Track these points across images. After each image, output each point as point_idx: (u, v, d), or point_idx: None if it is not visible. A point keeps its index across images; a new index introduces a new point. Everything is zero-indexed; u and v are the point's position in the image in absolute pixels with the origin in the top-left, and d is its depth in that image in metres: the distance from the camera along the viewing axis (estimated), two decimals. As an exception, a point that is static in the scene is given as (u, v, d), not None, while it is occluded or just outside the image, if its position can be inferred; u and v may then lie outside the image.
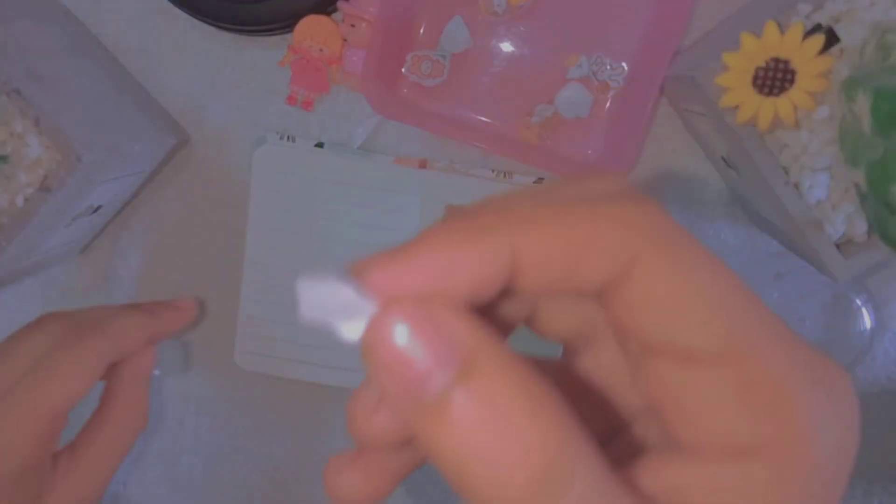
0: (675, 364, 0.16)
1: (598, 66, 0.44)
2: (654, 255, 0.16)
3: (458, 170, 0.45)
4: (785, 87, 0.34)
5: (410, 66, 0.44)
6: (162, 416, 0.51)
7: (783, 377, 0.16)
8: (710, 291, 0.16)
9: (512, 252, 0.16)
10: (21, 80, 0.37)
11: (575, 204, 0.17)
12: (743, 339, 0.16)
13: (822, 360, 0.17)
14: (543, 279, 0.17)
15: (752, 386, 0.16)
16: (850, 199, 0.35)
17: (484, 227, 0.16)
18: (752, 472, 0.16)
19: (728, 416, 0.16)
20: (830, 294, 0.46)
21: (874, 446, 0.48)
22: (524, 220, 0.17)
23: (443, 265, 0.16)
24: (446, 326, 0.15)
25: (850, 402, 0.17)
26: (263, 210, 0.46)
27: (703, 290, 0.16)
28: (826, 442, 0.16)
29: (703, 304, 0.16)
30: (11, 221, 0.38)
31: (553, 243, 0.16)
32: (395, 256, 0.16)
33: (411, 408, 0.15)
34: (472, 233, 0.16)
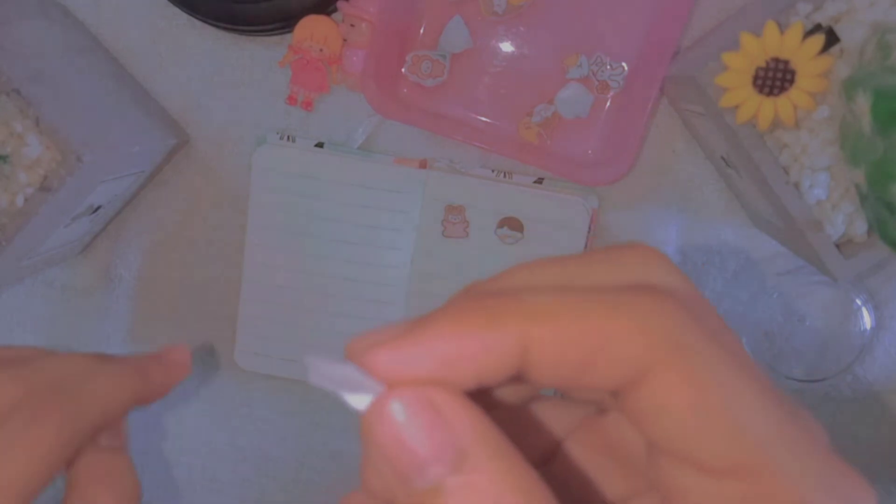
0: (687, 468, 0.16)
1: (598, 66, 0.44)
2: (668, 366, 0.16)
3: (458, 170, 0.45)
4: (785, 86, 0.34)
5: (410, 66, 0.44)
6: (162, 416, 0.51)
7: (799, 492, 0.16)
8: (725, 406, 0.16)
9: (522, 346, 0.16)
10: (21, 79, 0.37)
11: (591, 298, 0.16)
12: (758, 454, 0.16)
13: (844, 472, 0.17)
14: (552, 375, 0.16)
15: (765, 500, 0.15)
16: (850, 198, 0.35)
17: (496, 316, 0.16)
18: None
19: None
20: (830, 294, 0.46)
21: (874, 446, 0.48)
22: (538, 313, 0.16)
23: (449, 354, 0.16)
24: (445, 415, 0.15)
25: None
26: (263, 210, 0.46)
27: (717, 405, 0.16)
28: None
29: (716, 421, 0.16)
30: (11, 221, 0.37)
31: (565, 342, 0.16)
32: (402, 340, 0.16)
33: (404, 492, 0.15)
34: (483, 321, 0.16)
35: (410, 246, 0.46)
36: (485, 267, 0.46)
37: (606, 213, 0.46)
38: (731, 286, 0.46)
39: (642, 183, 0.45)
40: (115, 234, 0.49)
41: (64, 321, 0.51)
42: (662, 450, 0.16)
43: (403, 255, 0.46)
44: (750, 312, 0.46)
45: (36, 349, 0.30)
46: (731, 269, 0.46)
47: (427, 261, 0.46)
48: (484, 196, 0.45)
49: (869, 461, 0.48)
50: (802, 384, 0.47)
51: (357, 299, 0.47)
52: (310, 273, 0.47)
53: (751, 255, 0.46)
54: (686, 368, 0.15)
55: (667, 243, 0.46)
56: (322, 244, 0.46)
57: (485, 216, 0.45)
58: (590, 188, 0.45)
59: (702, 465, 0.16)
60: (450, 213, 0.45)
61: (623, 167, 0.41)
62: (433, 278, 0.46)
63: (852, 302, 0.46)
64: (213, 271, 0.49)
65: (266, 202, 0.46)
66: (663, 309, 0.16)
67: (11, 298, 0.51)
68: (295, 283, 0.47)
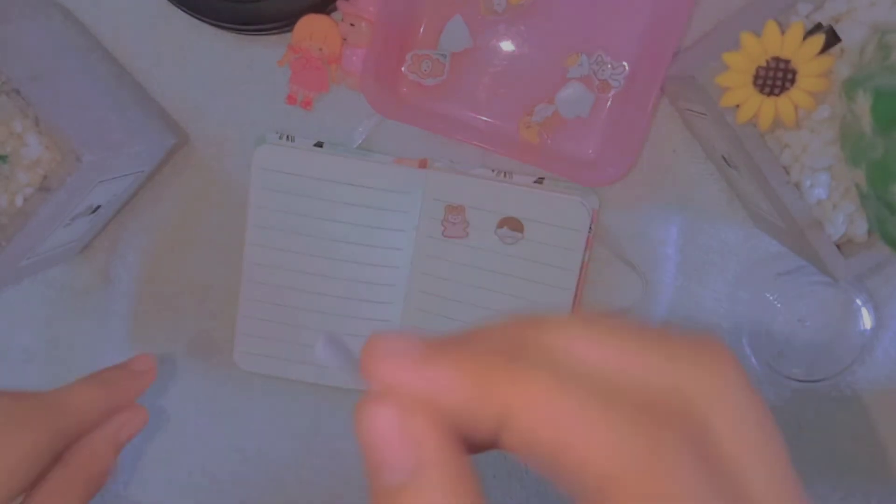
0: None
1: (599, 65, 0.44)
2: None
3: (458, 170, 0.45)
4: (785, 86, 0.34)
5: (410, 66, 0.44)
6: (162, 416, 0.51)
7: None
8: None
9: (502, 419, 0.17)
10: (21, 79, 0.37)
11: (590, 401, 0.17)
12: None
13: None
14: (526, 453, 0.18)
15: None
16: (850, 198, 0.35)
17: (489, 382, 0.18)
18: None
19: None
20: (831, 294, 0.46)
21: (874, 446, 0.48)
22: (529, 392, 0.17)
23: (445, 390, 0.18)
24: (420, 432, 0.18)
25: None
26: (263, 210, 0.46)
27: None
28: None
29: None
30: (11, 221, 0.37)
31: (538, 440, 0.17)
32: (411, 357, 0.18)
33: (374, 480, 0.18)
34: (475, 381, 0.18)
35: (410, 246, 0.46)
36: (484, 267, 0.45)
37: (607, 212, 0.46)
38: (732, 286, 0.46)
39: (643, 183, 0.45)
40: (114, 234, 0.49)
41: (64, 321, 0.51)
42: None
43: (403, 255, 0.46)
44: (750, 312, 0.46)
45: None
46: (731, 268, 0.46)
47: (427, 261, 0.46)
48: (484, 196, 0.45)
49: (869, 461, 0.48)
50: (802, 384, 0.47)
51: (356, 299, 0.47)
52: (309, 273, 0.47)
53: (751, 254, 0.46)
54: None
55: (667, 243, 0.46)
56: (321, 244, 0.46)
57: (485, 216, 0.45)
58: (590, 188, 0.45)
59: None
60: (449, 213, 0.45)
61: (623, 167, 0.41)
62: (433, 279, 0.46)
63: (852, 302, 0.46)
64: (212, 271, 0.49)
65: (265, 202, 0.46)
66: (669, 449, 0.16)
67: (11, 298, 0.51)
68: (294, 283, 0.47)
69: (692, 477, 0.16)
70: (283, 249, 0.47)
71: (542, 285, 0.45)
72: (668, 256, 0.46)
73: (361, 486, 0.51)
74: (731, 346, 0.47)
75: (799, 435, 0.48)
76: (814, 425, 0.48)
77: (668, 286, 0.46)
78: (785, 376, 0.46)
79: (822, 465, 0.48)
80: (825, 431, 0.48)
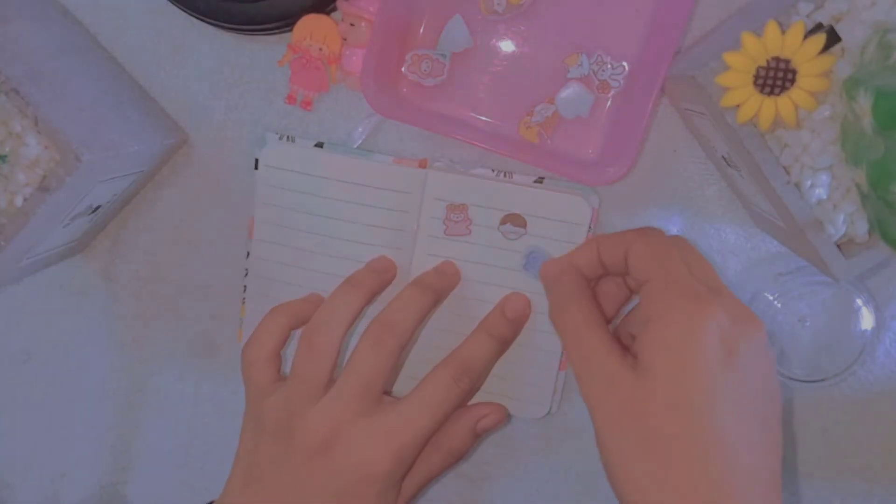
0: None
1: (599, 65, 0.44)
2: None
3: (458, 170, 0.45)
4: (786, 86, 0.34)
5: (410, 66, 0.44)
6: (163, 416, 0.51)
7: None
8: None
9: (599, 259, 0.40)
10: (20, 79, 0.37)
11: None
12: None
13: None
14: (631, 269, 0.38)
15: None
16: (851, 198, 0.35)
17: (599, 246, 0.40)
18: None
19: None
20: (831, 294, 0.46)
21: (875, 446, 0.48)
22: (635, 243, 0.38)
23: (581, 256, 0.41)
24: (563, 269, 0.41)
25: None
26: (269, 206, 0.46)
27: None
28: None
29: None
30: (10, 221, 0.37)
31: (617, 259, 0.39)
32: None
33: (547, 293, 0.42)
34: (594, 247, 0.41)
35: (411, 246, 0.46)
36: (487, 263, 0.46)
37: (607, 212, 0.46)
38: (732, 286, 0.46)
39: (643, 183, 0.45)
40: (114, 234, 0.49)
41: (64, 321, 0.51)
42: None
43: (404, 254, 0.46)
44: (750, 312, 0.46)
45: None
46: (731, 268, 0.46)
47: (428, 260, 0.46)
48: (485, 195, 0.45)
49: (870, 462, 0.48)
50: (803, 384, 0.46)
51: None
52: (312, 270, 0.47)
53: (751, 254, 0.46)
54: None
55: (667, 243, 0.46)
56: (324, 241, 0.46)
57: (487, 214, 0.45)
58: (590, 187, 0.45)
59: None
60: (451, 211, 0.45)
61: (624, 167, 0.41)
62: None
63: (853, 302, 0.46)
64: (212, 271, 0.49)
65: (271, 199, 0.46)
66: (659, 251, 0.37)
67: (11, 298, 0.51)
68: (298, 280, 0.47)
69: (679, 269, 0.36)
70: (287, 245, 0.47)
71: None
72: (668, 256, 0.46)
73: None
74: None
75: (799, 435, 0.48)
76: (814, 425, 0.48)
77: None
78: (785, 376, 0.46)
79: (823, 465, 0.48)
80: (826, 432, 0.48)
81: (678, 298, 0.34)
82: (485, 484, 0.50)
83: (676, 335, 0.33)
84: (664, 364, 0.33)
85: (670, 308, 0.34)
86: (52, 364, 0.51)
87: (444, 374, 0.41)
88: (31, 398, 0.52)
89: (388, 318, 0.41)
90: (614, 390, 0.34)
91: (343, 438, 0.38)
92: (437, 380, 0.41)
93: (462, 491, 0.50)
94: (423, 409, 0.40)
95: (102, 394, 0.51)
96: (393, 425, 0.39)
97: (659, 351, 0.33)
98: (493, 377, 0.45)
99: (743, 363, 0.33)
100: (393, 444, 0.38)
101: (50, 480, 0.52)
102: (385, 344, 0.40)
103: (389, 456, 0.38)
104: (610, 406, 0.34)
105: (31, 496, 0.53)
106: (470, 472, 0.50)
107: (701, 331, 0.33)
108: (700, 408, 0.32)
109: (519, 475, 0.49)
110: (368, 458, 0.38)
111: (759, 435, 0.33)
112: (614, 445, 0.33)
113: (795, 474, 0.48)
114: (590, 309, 0.38)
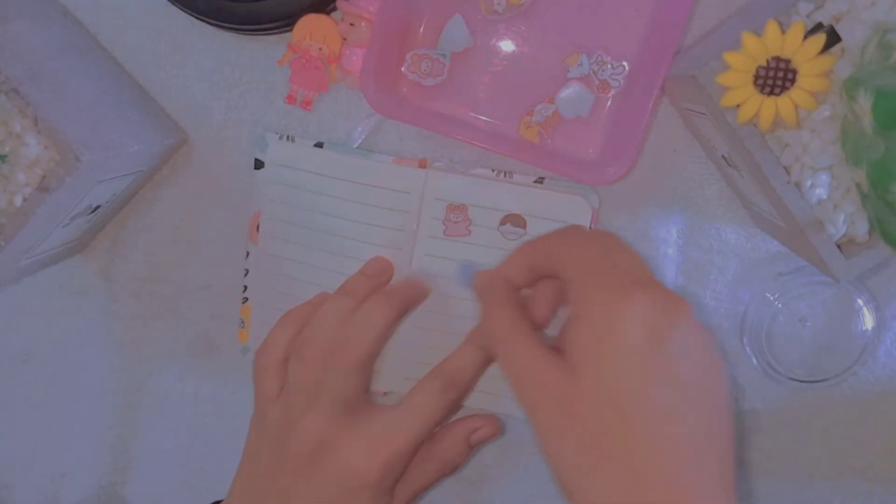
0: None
1: (599, 65, 0.44)
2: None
3: (457, 169, 0.45)
4: (786, 86, 0.34)
5: (410, 65, 0.44)
6: (162, 416, 0.51)
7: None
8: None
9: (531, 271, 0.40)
10: (20, 79, 0.37)
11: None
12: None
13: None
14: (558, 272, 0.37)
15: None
16: (851, 198, 0.35)
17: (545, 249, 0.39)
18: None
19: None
20: (831, 294, 0.46)
21: (875, 447, 0.48)
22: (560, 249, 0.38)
23: (511, 267, 0.40)
24: (492, 280, 0.39)
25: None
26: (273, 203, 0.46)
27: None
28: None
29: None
30: (10, 221, 0.37)
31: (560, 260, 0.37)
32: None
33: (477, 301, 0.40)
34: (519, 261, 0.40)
35: (411, 246, 0.46)
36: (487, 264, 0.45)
37: (607, 212, 0.46)
38: (732, 286, 0.46)
39: (643, 182, 0.45)
40: (114, 234, 0.49)
41: (63, 321, 0.51)
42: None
43: (404, 254, 0.46)
44: (751, 312, 0.46)
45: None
46: (731, 268, 0.46)
47: (428, 260, 0.46)
48: (485, 195, 0.45)
49: (870, 462, 0.48)
50: (803, 384, 0.46)
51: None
52: (315, 266, 0.47)
53: (752, 254, 0.46)
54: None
55: (667, 243, 0.46)
56: (325, 239, 0.46)
57: (487, 214, 0.45)
58: (590, 187, 0.45)
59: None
60: (451, 212, 0.45)
61: (624, 167, 0.41)
62: (435, 278, 0.46)
63: (854, 302, 0.46)
64: (212, 271, 0.49)
65: (275, 196, 0.46)
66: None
67: (11, 298, 0.51)
68: (301, 276, 0.47)
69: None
70: (290, 242, 0.47)
71: None
72: (668, 256, 0.46)
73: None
74: (732, 346, 0.47)
75: (800, 435, 0.48)
76: (815, 426, 0.48)
77: (669, 286, 0.46)
78: (786, 377, 0.46)
79: (823, 465, 0.48)
80: (826, 432, 0.48)
81: (598, 293, 0.34)
82: (484, 486, 0.50)
83: (598, 331, 0.33)
84: (588, 362, 0.33)
85: (590, 304, 0.33)
86: (51, 364, 0.51)
87: (431, 385, 0.41)
88: (30, 398, 0.52)
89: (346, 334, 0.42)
90: (546, 393, 0.33)
91: (331, 447, 0.39)
92: (425, 391, 0.41)
93: (462, 492, 0.50)
94: (411, 420, 0.40)
95: (102, 394, 0.51)
96: (380, 434, 0.39)
97: (583, 349, 0.33)
98: (492, 377, 0.45)
99: (672, 351, 0.32)
100: (381, 453, 0.39)
101: (49, 480, 0.52)
102: (344, 359, 0.41)
103: (377, 465, 0.39)
104: (544, 411, 0.33)
105: (31, 496, 0.53)
106: (470, 475, 0.49)
107: (621, 324, 0.32)
108: (628, 403, 0.32)
109: (518, 475, 0.49)
110: (356, 467, 0.39)
111: (700, 423, 0.32)
112: (553, 449, 0.33)
113: (796, 474, 0.48)
114: (515, 315, 0.37)
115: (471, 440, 0.44)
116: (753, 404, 0.47)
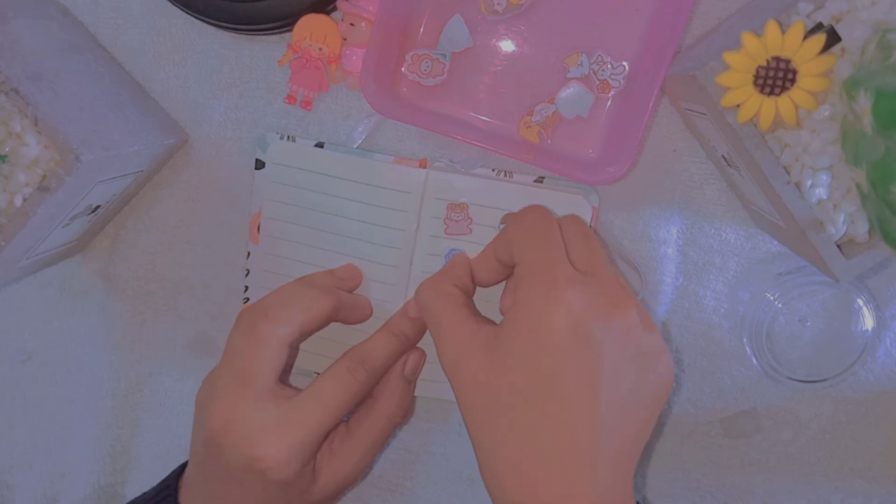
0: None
1: (599, 65, 0.44)
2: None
3: (457, 169, 0.45)
4: (786, 86, 0.34)
5: (410, 65, 0.44)
6: (162, 416, 0.51)
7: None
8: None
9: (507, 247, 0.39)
10: (20, 79, 0.37)
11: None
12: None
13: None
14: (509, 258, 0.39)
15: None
16: (851, 198, 0.35)
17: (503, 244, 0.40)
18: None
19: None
20: (831, 294, 0.46)
21: (876, 447, 0.48)
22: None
23: (455, 267, 0.42)
24: (441, 286, 0.41)
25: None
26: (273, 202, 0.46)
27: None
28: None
29: None
30: (10, 221, 0.37)
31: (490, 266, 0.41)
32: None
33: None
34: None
35: (411, 245, 0.46)
36: None
37: (607, 212, 0.46)
38: (732, 286, 0.46)
39: (643, 182, 0.45)
40: (113, 234, 0.49)
41: (63, 321, 0.51)
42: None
43: (404, 254, 0.46)
44: (751, 312, 0.46)
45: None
46: (731, 269, 0.46)
47: (428, 260, 0.46)
48: (485, 194, 0.45)
49: (871, 462, 0.48)
50: (804, 384, 0.46)
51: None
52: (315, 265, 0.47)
53: (752, 255, 0.46)
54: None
55: (667, 243, 0.46)
56: (325, 237, 0.46)
57: (488, 213, 0.45)
58: (590, 186, 0.45)
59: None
60: (452, 211, 0.45)
61: (624, 167, 0.41)
62: (433, 278, 0.46)
63: (854, 302, 0.46)
64: (212, 271, 0.49)
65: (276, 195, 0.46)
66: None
67: (11, 298, 0.51)
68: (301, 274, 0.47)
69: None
70: (291, 241, 0.47)
71: None
72: (668, 256, 0.46)
73: (363, 480, 0.51)
74: (732, 346, 0.47)
75: (800, 435, 0.48)
76: (815, 426, 0.48)
77: (669, 286, 0.46)
78: (786, 377, 0.46)
79: (824, 465, 0.48)
80: (826, 432, 0.48)
81: (537, 284, 0.35)
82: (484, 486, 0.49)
83: (529, 321, 0.34)
84: (514, 349, 0.34)
85: (528, 292, 0.35)
86: (51, 364, 0.51)
87: (339, 366, 0.41)
88: (30, 398, 0.52)
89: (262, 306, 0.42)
90: (471, 374, 0.35)
91: (233, 431, 0.39)
92: (333, 372, 0.41)
93: (462, 493, 0.50)
94: (318, 401, 0.40)
95: (101, 394, 0.51)
96: (286, 417, 0.39)
97: (512, 337, 0.35)
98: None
99: (599, 348, 0.34)
100: (286, 436, 0.39)
101: (49, 480, 0.52)
102: (260, 333, 0.41)
103: (283, 448, 0.38)
104: (470, 394, 0.35)
105: (31, 496, 0.53)
106: (471, 475, 0.50)
107: (550, 317, 0.34)
108: (544, 393, 0.33)
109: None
110: (259, 451, 0.38)
111: (620, 420, 0.34)
112: (477, 436, 0.35)
113: (796, 474, 0.48)
114: (450, 292, 0.39)
115: (405, 373, 0.44)
116: (753, 404, 0.48)
